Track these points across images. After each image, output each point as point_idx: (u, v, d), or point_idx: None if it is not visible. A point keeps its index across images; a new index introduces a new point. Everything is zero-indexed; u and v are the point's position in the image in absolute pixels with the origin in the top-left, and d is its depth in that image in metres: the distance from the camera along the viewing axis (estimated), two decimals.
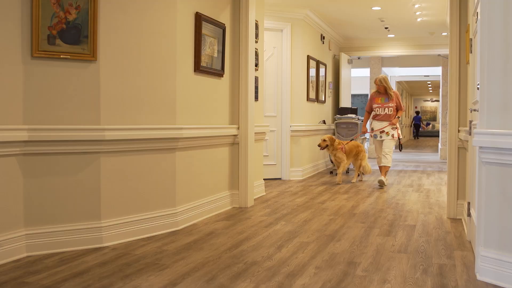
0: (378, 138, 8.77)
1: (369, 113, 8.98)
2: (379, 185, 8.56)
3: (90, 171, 4.38)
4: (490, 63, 3.51)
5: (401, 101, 8.83)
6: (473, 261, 4.00)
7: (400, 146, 8.62)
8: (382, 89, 8.75)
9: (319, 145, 8.86)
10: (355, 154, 9.10)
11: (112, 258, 4.06)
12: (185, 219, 5.23)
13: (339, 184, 8.77)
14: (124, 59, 4.56)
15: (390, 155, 8.66)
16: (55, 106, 4.21)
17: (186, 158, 5.28)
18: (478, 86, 3.72)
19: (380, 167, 8.80)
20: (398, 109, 8.77)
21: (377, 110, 8.76)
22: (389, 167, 8.77)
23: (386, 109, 8.69)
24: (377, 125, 8.78)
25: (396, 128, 8.71)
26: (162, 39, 4.89)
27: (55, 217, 4.25)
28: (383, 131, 8.68)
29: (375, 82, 8.89)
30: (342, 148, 8.85)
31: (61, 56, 4.20)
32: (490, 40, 3.50)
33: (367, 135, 8.84)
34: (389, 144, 8.65)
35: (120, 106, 4.55)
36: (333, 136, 9.16)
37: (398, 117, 8.76)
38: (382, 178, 8.53)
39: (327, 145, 8.81)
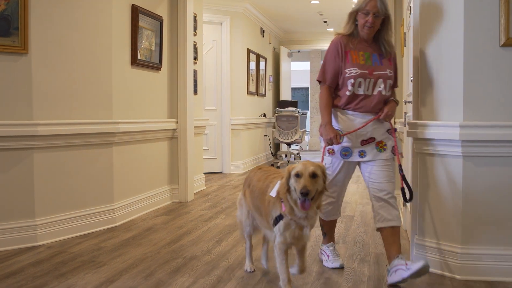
0: (356, 158, 3.48)
1: (331, 91, 3.52)
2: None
3: (22, 167, 4.23)
4: (422, 56, 3.59)
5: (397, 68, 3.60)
6: (409, 249, 4.10)
7: None
8: (374, 30, 3.44)
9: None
10: None
11: (47, 257, 3.94)
12: (123, 215, 5.14)
13: None
14: (57, 52, 4.43)
15: (396, 200, 3.48)
16: None
17: (123, 153, 5.18)
18: (412, 78, 3.81)
19: (382, 231, 3.44)
20: (393, 84, 3.52)
21: (359, 86, 3.42)
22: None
23: (381, 82, 3.42)
24: (356, 121, 3.46)
25: (393, 130, 3.54)
26: (97, 31, 4.77)
27: None
28: (372, 139, 3.46)
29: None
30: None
31: None
32: (422, 34, 3.59)
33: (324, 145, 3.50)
34: (392, 172, 3.47)
35: (54, 100, 4.41)
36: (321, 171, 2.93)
37: (397, 103, 3.53)
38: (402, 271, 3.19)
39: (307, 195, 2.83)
